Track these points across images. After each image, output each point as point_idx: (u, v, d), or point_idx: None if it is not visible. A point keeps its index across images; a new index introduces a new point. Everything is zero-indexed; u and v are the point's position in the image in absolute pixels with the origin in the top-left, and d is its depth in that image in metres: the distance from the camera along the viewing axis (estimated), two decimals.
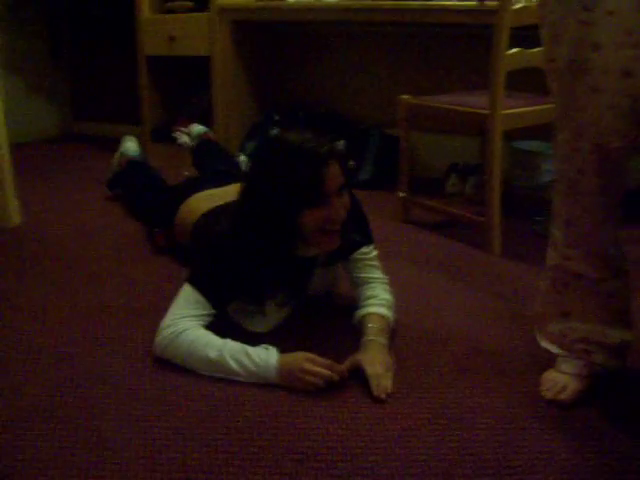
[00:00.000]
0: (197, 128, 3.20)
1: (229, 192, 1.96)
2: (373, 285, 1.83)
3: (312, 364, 1.52)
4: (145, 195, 2.74)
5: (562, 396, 1.50)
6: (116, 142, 3.15)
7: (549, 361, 1.61)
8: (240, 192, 1.71)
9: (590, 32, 1.28)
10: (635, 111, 1.30)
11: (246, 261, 1.64)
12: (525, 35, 2.20)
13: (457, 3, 2.81)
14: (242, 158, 3.28)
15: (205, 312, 1.63)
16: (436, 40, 3.41)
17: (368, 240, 1.86)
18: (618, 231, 1.46)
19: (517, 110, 2.38)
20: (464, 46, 3.31)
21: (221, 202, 2.00)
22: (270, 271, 1.69)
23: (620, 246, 1.48)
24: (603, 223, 1.44)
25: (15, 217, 2.73)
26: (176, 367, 1.59)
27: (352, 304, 1.88)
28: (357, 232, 1.83)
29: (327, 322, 1.88)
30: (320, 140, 1.58)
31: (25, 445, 1.32)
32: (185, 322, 1.59)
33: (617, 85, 1.29)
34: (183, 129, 3.69)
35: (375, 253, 1.87)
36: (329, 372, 1.51)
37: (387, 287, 1.84)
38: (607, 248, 1.46)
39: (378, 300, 1.78)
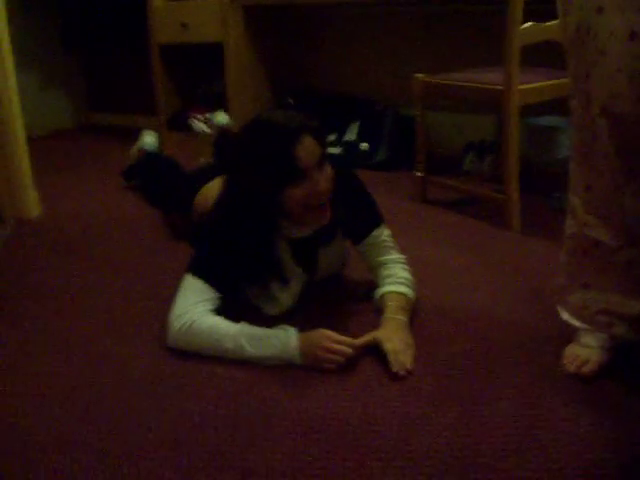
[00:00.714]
0: (220, 117, 3.20)
1: None
2: (391, 265, 1.82)
3: (333, 341, 1.52)
4: (163, 181, 2.75)
5: (584, 369, 1.50)
6: (132, 132, 3.16)
7: (571, 335, 1.60)
8: (224, 180, 1.71)
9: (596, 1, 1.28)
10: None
11: (238, 244, 1.64)
12: (539, 9, 2.18)
13: None
14: None
15: (212, 296, 1.63)
16: (449, 17, 3.38)
17: (377, 222, 1.84)
18: (638, 198, 1.41)
19: (533, 85, 2.36)
20: (478, 22, 3.28)
21: None
22: (266, 253, 1.69)
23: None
24: (620, 188, 1.41)
25: (34, 209, 2.75)
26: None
27: (366, 284, 1.89)
28: (365, 216, 1.83)
29: (341, 302, 1.88)
30: (291, 116, 1.56)
31: (49, 430, 1.34)
32: (194, 310, 1.59)
33: (623, 48, 1.27)
34: (199, 116, 3.71)
35: (387, 233, 1.86)
36: (349, 349, 1.52)
37: (405, 266, 1.84)
38: (625, 215, 1.43)
39: (397, 278, 1.77)
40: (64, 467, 1.23)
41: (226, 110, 3.63)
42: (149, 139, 3.22)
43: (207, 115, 3.75)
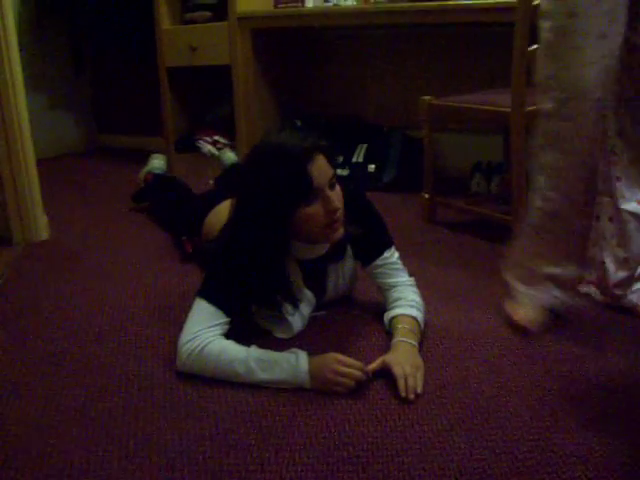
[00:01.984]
0: (227, 155, 3.22)
1: None
2: (400, 288, 1.83)
3: (343, 365, 1.52)
4: (172, 204, 2.76)
5: (528, 324, 1.78)
6: (140, 154, 3.18)
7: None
8: (234, 201, 1.71)
9: (568, 2, 1.55)
10: (611, 67, 1.58)
11: (250, 268, 1.64)
12: None
13: (475, 2, 2.79)
14: None
15: (222, 321, 1.63)
16: (456, 40, 3.41)
17: (388, 244, 1.85)
18: (594, 177, 1.72)
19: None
20: (485, 44, 3.30)
21: None
22: (278, 275, 1.69)
23: (594, 192, 1.74)
24: (580, 168, 1.69)
25: (44, 231, 2.77)
26: None
27: (375, 306, 1.90)
28: (375, 238, 1.84)
29: (351, 325, 1.88)
30: (302, 137, 1.57)
31: (58, 450, 1.34)
32: (204, 335, 1.59)
33: (596, 46, 1.55)
34: (206, 138, 3.73)
35: (397, 255, 1.86)
36: (360, 373, 1.51)
37: (414, 289, 1.84)
38: (582, 191, 1.71)
39: (406, 302, 1.77)
40: None
41: (233, 133, 3.65)
42: (157, 162, 3.24)
43: (215, 138, 3.77)
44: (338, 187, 1.63)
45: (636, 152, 1.77)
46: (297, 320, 1.78)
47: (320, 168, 1.56)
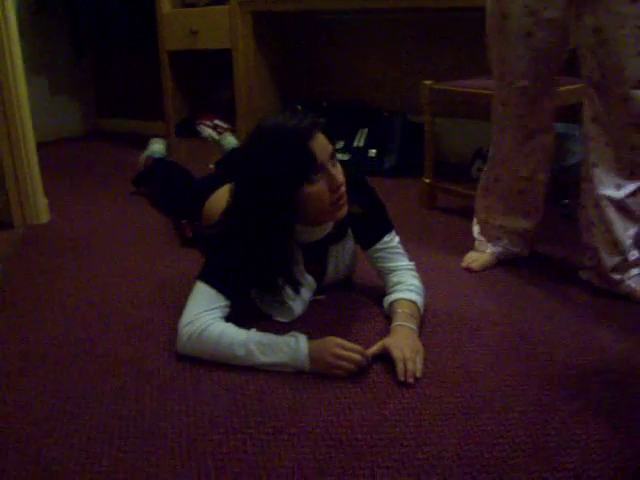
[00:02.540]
0: (228, 139, 3.21)
1: None
2: (400, 272, 1.83)
3: (343, 349, 1.52)
4: (173, 188, 2.76)
5: (473, 265, 2.15)
6: (141, 138, 3.17)
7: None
8: (235, 184, 1.70)
9: (503, 5, 1.85)
10: (537, 59, 1.86)
11: (252, 251, 1.64)
12: None
13: None
14: None
15: (222, 304, 1.63)
16: (459, 24, 3.39)
17: (388, 228, 1.85)
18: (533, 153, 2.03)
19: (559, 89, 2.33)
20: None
21: None
22: (277, 258, 1.68)
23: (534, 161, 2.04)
24: (519, 145, 2.01)
25: (44, 214, 2.77)
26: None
27: (375, 290, 1.90)
28: (376, 221, 1.84)
29: (351, 309, 1.88)
30: (300, 116, 1.58)
31: (63, 436, 1.34)
32: (204, 318, 1.59)
33: (524, 42, 1.84)
34: (207, 122, 3.72)
35: (397, 239, 1.87)
36: (360, 356, 1.52)
37: (414, 273, 1.84)
38: (521, 163, 2.04)
39: (406, 286, 1.77)
40: (73, 470, 1.24)
41: (233, 117, 3.64)
42: (157, 147, 3.23)
43: (216, 122, 3.76)
44: (339, 164, 1.63)
45: (610, 136, 1.80)
46: (297, 304, 1.78)
47: (321, 144, 1.56)
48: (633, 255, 1.89)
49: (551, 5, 1.78)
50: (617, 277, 1.90)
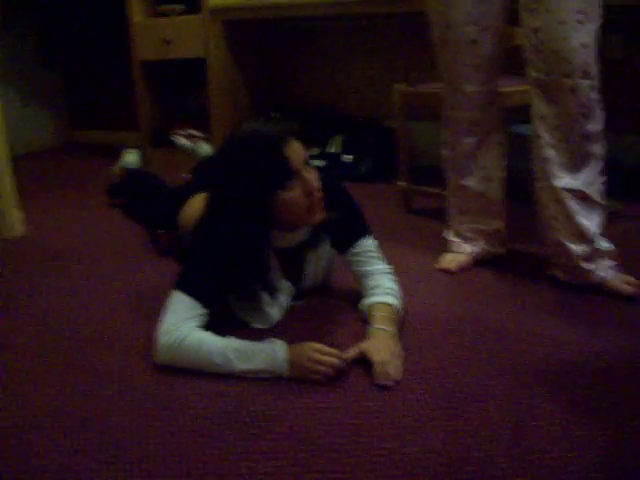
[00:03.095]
0: (203, 148, 3.20)
1: None
2: (377, 276, 1.83)
3: (321, 354, 1.52)
4: (147, 198, 2.75)
5: (450, 266, 2.16)
6: (115, 149, 3.16)
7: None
8: (209, 191, 1.71)
9: (446, 16, 1.94)
10: (482, 65, 1.97)
11: (228, 259, 1.63)
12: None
13: None
14: None
15: (199, 312, 1.62)
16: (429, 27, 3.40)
17: (364, 232, 1.86)
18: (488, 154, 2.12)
19: (507, 89, 2.34)
20: None
21: None
22: (253, 265, 1.68)
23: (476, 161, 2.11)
24: (473, 148, 2.09)
25: (18, 227, 2.74)
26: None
27: (352, 295, 1.90)
28: (352, 225, 1.84)
29: (329, 314, 1.88)
30: (274, 122, 1.60)
31: (37, 449, 1.33)
32: (182, 327, 1.58)
33: (468, 50, 1.94)
34: (181, 132, 3.71)
35: (375, 243, 1.87)
36: (338, 361, 1.52)
37: (392, 276, 1.85)
38: (477, 165, 2.11)
39: (383, 289, 1.78)
40: None
41: (207, 125, 3.63)
42: (130, 158, 3.22)
43: (190, 131, 3.75)
44: (314, 170, 1.64)
45: (557, 132, 1.85)
46: (275, 310, 1.78)
47: (295, 150, 1.57)
48: (602, 245, 1.93)
49: (490, 13, 1.90)
50: (587, 266, 1.92)
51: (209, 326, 1.63)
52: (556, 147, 1.87)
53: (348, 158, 3.47)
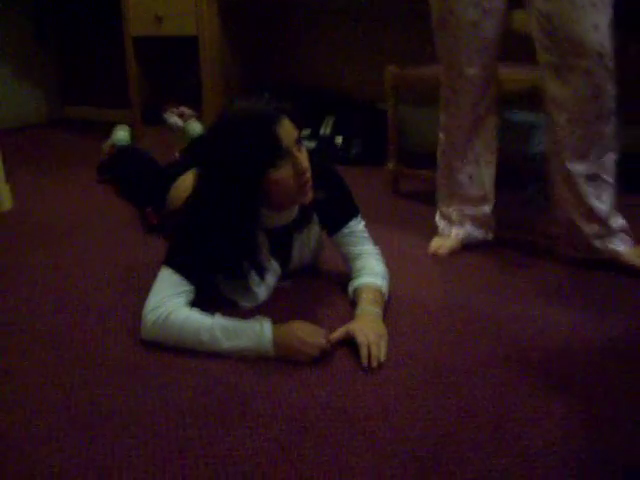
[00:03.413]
0: (193, 126, 3.19)
1: None
2: (365, 257, 1.84)
3: (307, 334, 1.53)
4: (137, 175, 2.74)
5: (440, 251, 2.17)
6: (106, 125, 3.14)
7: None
8: (200, 169, 1.70)
9: (448, 2, 1.93)
10: (483, 48, 1.96)
11: (217, 237, 1.63)
12: None
13: None
14: None
15: (186, 289, 1.62)
16: (426, 9, 3.38)
17: (354, 213, 1.86)
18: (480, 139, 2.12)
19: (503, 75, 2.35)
20: None
21: None
22: (242, 244, 1.68)
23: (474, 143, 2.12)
24: (469, 131, 2.09)
25: (6, 202, 2.73)
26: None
27: (340, 276, 1.91)
28: (342, 206, 1.85)
29: (315, 295, 1.89)
30: (265, 102, 1.60)
31: (21, 424, 1.33)
32: (169, 303, 1.58)
33: (469, 33, 1.94)
34: (173, 109, 3.69)
35: (362, 224, 1.87)
36: (323, 341, 1.52)
37: (379, 257, 1.85)
38: (470, 147, 2.12)
39: (371, 271, 1.78)
40: (37, 460, 1.23)
41: (199, 104, 3.62)
42: (121, 134, 3.20)
43: (182, 109, 3.73)
44: (304, 149, 1.63)
45: (570, 114, 1.86)
46: (262, 290, 1.78)
47: (286, 129, 1.56)
48: (616, 222, 1.96)
49: None
50: (600, 244, 1.96)
51: (196, 304, 1.64)
52: (568, 129, 1.87)
53: (339, 140, 3.46)
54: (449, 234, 2.21)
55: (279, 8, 3.83)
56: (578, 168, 1.89)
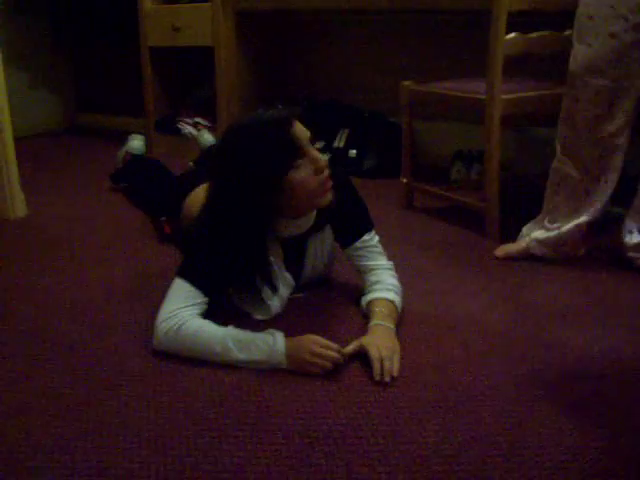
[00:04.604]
0: (205, 137, 3.20)
1: None
2: (379, 271, 1.83)
3: (319, 347, 1.52)
4: (151, 184, 2.75)
5: (498, 253, 2.23)
6: (120, 134, 3.15)
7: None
8: (213, 180, 1.71)
9: (586, 8, 1.91)
10: (614, 60, 1.88)
11: (230, 248, 1.64)
12: (524, 21, 2.22)
13: None
14: None
15: (200, 300, 1.62)
16: (441, 26, 3.40)
17: (368, 227, 1.86)
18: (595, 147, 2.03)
19: (516, 95, 2.35)
20: (471, 31, 3.29)
21: None
22: (257, 257, 1.69)
23: (601, 158, 2.04)
24: (587, 139, 2.02)
25: (20, 209, 2.74)
26: None
27: (353, 289, 1.91)
28: (356, 219, 1.84)
29: (329, 307, 1.89)
30: (275, 108, 1.64)
31: (35, 431, 1.33)
32: (182, 314, 1.58)
33: (604, 42, 1.88)
34: (187, 120, 3.71)
35: (377, 239, 1.87)
36: (337, 354, 1.52)
37: (393, 273, 1.85)
38: (588, 158, 2.04)
39: (384, 285, 1.78)
40: (49, 467, 1.23)
41: (214, 115, 3.63)
42: (136, 143, 3.21)
43: (196, 120, 3.75)
44: (316, 149, 1.64)
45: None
46: (275, 302, 1.78)
47: (300, 130, 1.58)
48: None
49: (636, 10, 1.82)
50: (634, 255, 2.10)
51: (209, 315, 1.64)
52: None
53: (353, 153, 3.46)
54: (520, 242, 2.24)
55: (295, 21, 3.85)
56: None
